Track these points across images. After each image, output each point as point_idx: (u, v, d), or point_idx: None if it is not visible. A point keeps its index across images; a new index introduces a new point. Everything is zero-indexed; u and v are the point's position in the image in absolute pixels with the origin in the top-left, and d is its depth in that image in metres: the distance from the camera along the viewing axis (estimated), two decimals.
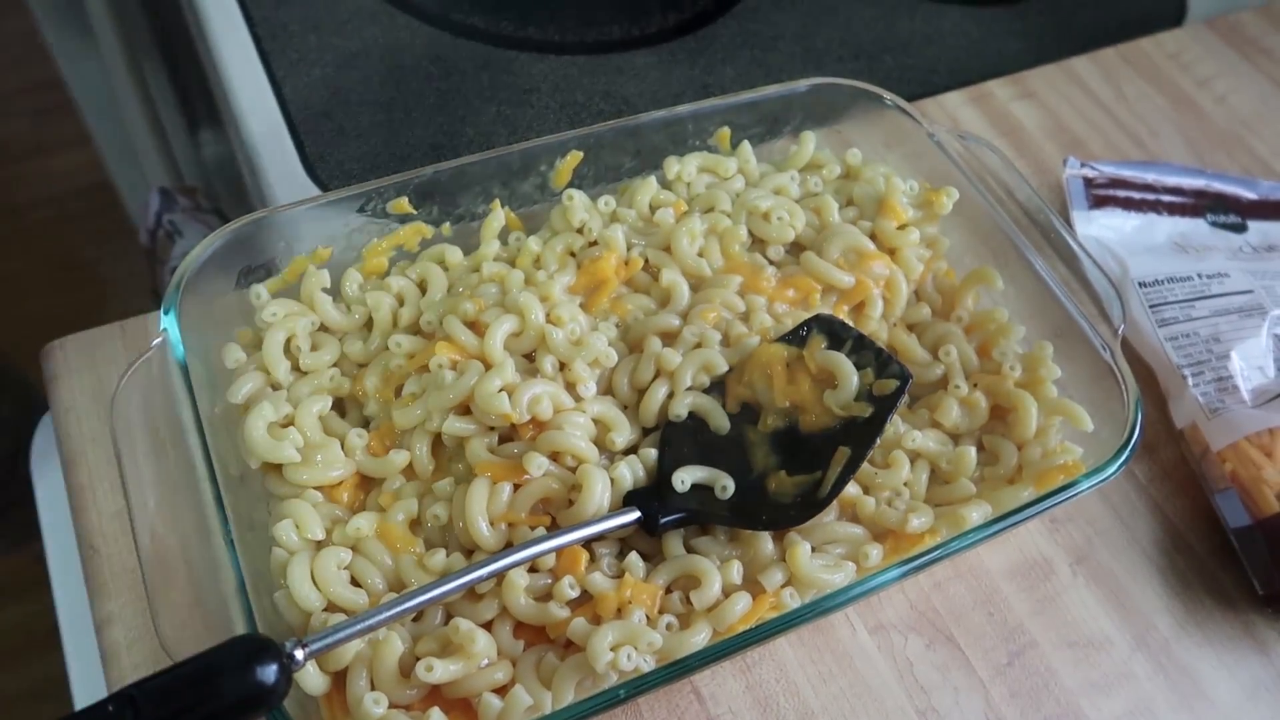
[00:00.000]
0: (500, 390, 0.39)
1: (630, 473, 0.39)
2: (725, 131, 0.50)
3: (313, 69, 0.60)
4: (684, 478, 0.39)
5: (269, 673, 0.29)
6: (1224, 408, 0.46)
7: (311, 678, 0.34)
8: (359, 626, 0.32)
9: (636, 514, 0.37)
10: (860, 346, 0.42)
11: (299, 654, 0.31)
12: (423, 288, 0.45)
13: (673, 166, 0.49)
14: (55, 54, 1.29)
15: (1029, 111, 0.62)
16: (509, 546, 0.38)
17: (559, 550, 0.36)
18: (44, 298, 1.51)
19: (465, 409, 0.40)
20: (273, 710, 0.31)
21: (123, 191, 1.53)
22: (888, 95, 0.50)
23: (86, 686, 0.40)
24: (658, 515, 0.38)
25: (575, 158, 0.47)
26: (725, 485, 0.40)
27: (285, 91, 0.58)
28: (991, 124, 0.61)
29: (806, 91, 0.51)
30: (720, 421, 0.41)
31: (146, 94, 0.94)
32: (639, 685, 0.33)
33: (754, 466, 0.40)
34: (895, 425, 0.43)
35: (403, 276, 0.45)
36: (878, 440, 0.40)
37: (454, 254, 0.46)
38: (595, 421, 0.41)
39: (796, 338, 0.43)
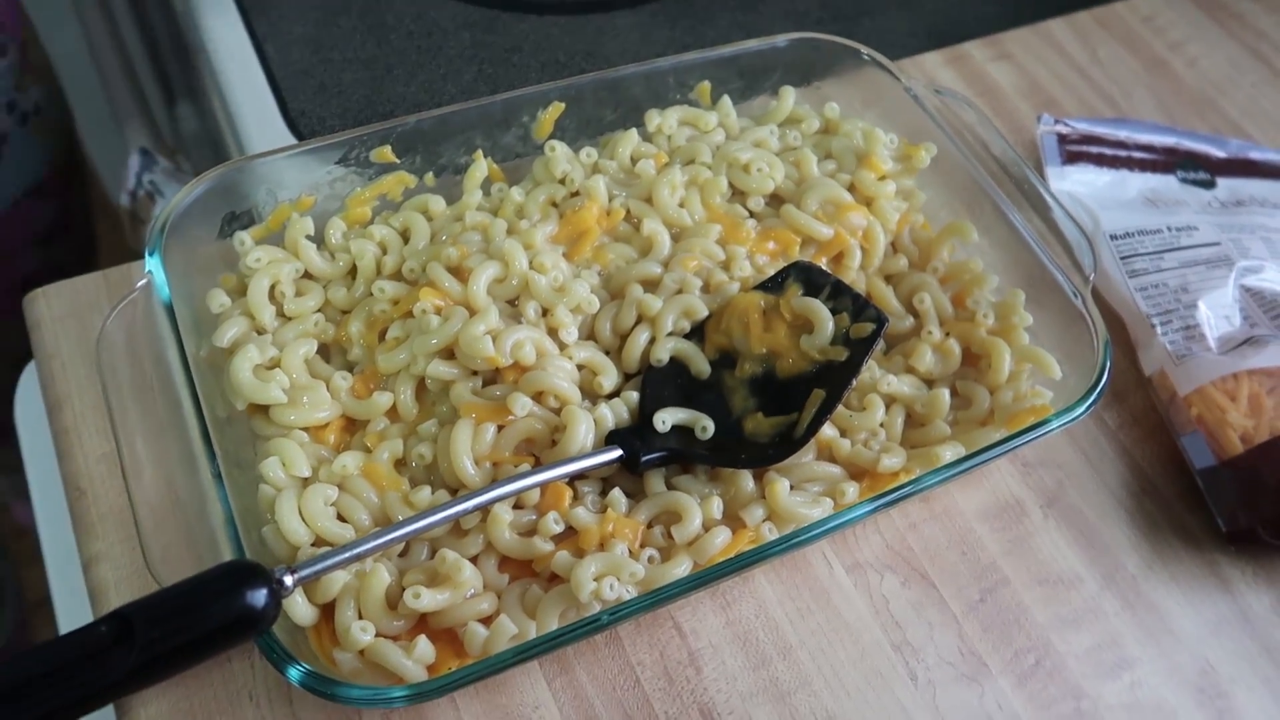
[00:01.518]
0: (485, 334, 0.40)
1: (613, 414, 0.40)
2: (706, 85, 0.51)
3: (294, 26, 0.60)
4: (665, 418, 0.40)
5: (259, 597, 0.30)
6: (1191, 354, 0.47)
7: (300, 608, 0.35)
8: (349, 554, 0.33)
9: (619, 452, 0.38)
10: (837, 292, 0.43)
11: (288, 580, 0.31)
12: (405, 236, 0.46)
13: (654, 119, 0.49)
14: (34, 20, 1.27)
15: (1005, 72, 0.63)
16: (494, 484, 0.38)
17: (543, 486, 0.37)
18: None
19: (449, 353, 0.41)
20: (262, 635, 0.31)
21: (98, 164, 1.51)
22: (865, 50, 0.51)
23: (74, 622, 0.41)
24: (640, 454, 0.39)
25: (557, 109, 0.47)
26: (705, 426, 0.40)
27: (267, 49, 0.58)
28: (968, 84, 0.62)
29: (786, 47, 0.52)
30: (700, 366, 0.42)
31: (127, 62, 0.94)
32: (622, 612, 0.34)
33: (733, 409, 0.41)
34: (871, 370, 0.44)
35: (386, 225, 0.46)
36: (853, 383, 0.41)
37: (437, 203, 0.46)
38: (581, 367, 0.41)
39: (774, 284, 0.44)
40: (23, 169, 0.74)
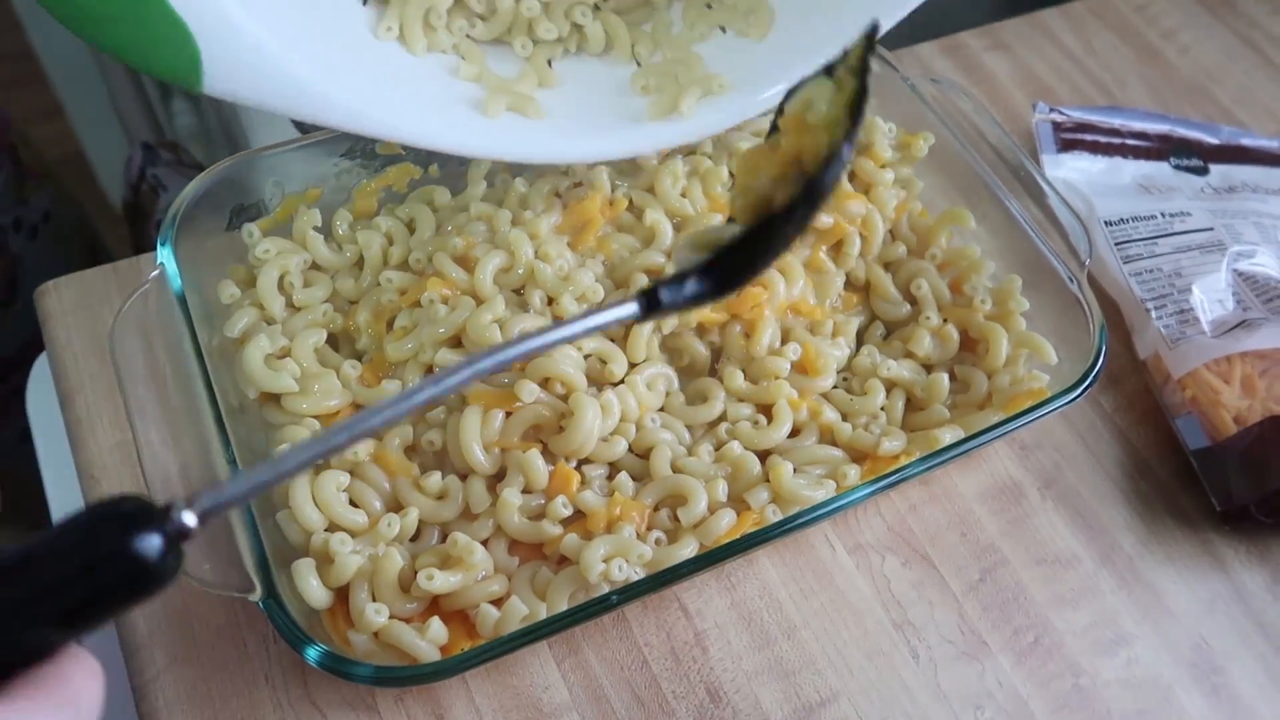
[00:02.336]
0: (491, 323, 0.40)
1: (619, 401, 0.41)
2: None
3: None
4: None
5: (149, 545, 0.21)
6: (1185, 338, 0.48)
7: (315, 592, 0.35)
8: (258, 479, 0.25)
9: (634, 306, 0.32)
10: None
11: (186, 517, 0.22)
12: (411, 228, 0.46)
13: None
14: (26, 25, 1.28)
15: (1000, 62, 0.64)
16: (503, 470, 0.39)
17: (552, 471, 0.38)
18: None
19: (457, 342, 0.41)
20: (158, 593, 0.22)
21: (96, 162, 1.51)
22: None
23: None
24: (657, 293, 0.32)
25: None
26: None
27: None
28: (964, 74, 0.63)
29: None
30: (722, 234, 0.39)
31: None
32: (630, 592, 0.35)
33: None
34: (872, 356, 0.45)
35: (392, 217, 0.46)
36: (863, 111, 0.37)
37: (442, 195, 0.47)
38: (588, 356, 0.42)
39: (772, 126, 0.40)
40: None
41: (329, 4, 0.41)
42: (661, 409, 0.42)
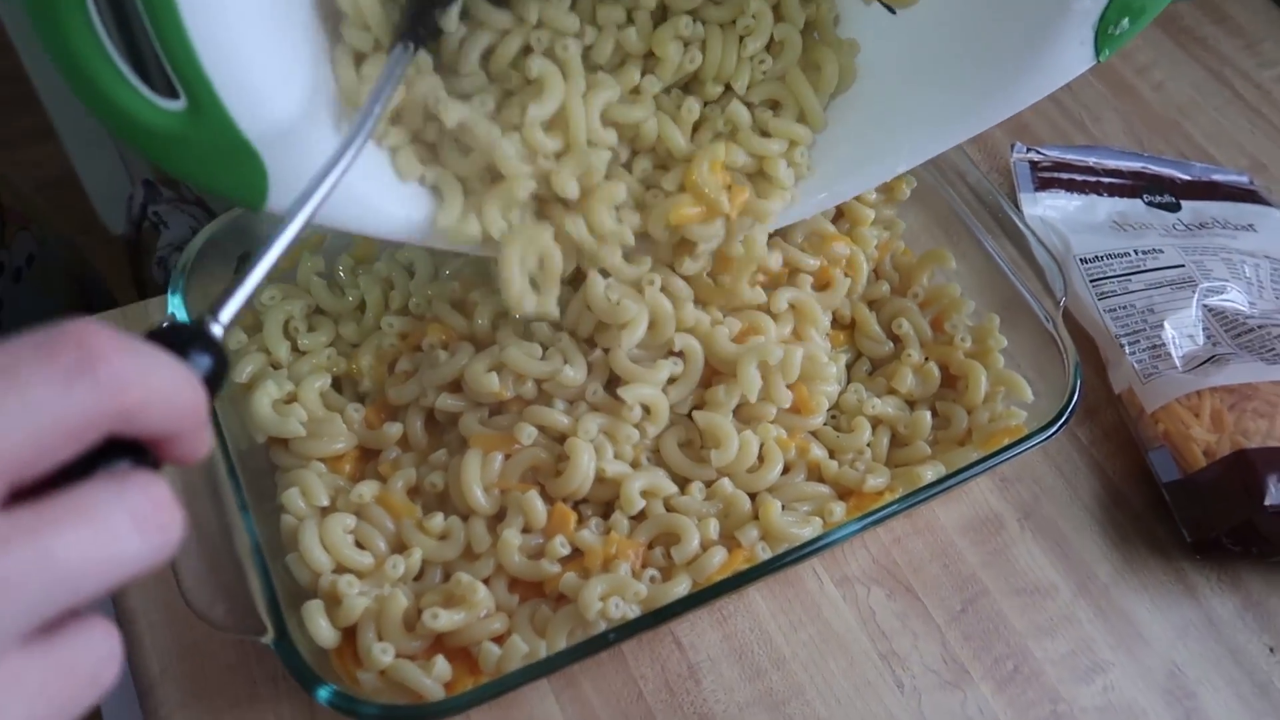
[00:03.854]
0: (489, 371, 0.42)
1: (611, 448, 0.42)
2: None
3: None
4: None
5: (204, 361, 0.24)
6: (1157, 373, 0.50)
7: (324, 632, 0.37)
8: (253, 280, 0.29)
9: (409, 51, 0.36)
10: None
11: (216, 329, 0.26)
12: (410, 271, 0.48)
13: None
14: (17, 45, 1.29)
15: None
16: (502, 510, 0.41)
17: (550, 510, 0.39)
18: None
19: (456, 385, 0.43)
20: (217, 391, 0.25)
21: (88, 184, 1.52)
22: None
23: None
24: (417, 22, 0.36)
25: None
26: None
27: None
28: None
29: None
30: None
31: None
32: (627, 630, 0.36)
33: None
34: (859, 393, 0.47)
35: (391, 261, 0.48)
36: None
37: None
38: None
39: None
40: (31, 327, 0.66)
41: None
42: (656, 451, 0.43)
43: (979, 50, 0.40)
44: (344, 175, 0.32)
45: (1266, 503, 0.44)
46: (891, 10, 0.43)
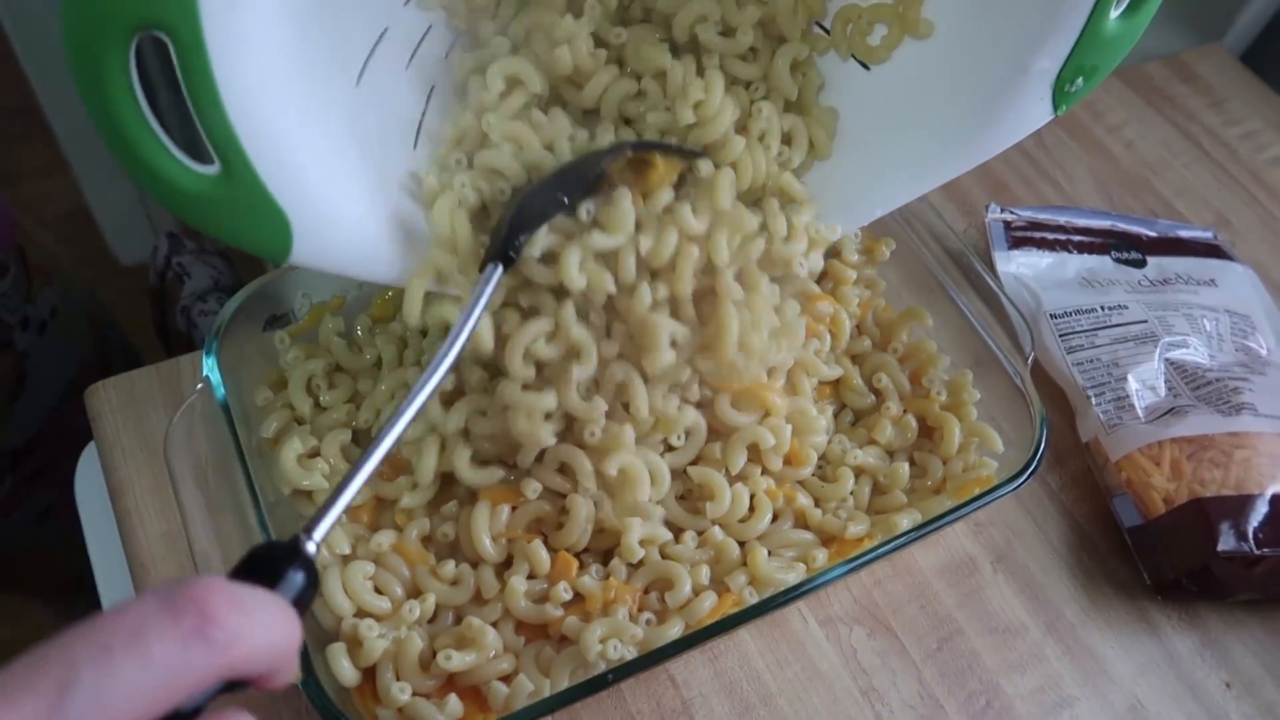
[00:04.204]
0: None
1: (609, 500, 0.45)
2: None
3: None
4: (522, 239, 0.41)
5: (298, 580, 0.28)
6: (1121, 423, 0.53)
7: (346, 672, 0.40)
8: (345, 498, 0.32)
9: (499, 269, 0.40)
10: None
11: (310, 547, 0.29)
12: (423, 331, 0.51)
13: None
14: (31, 80, 1.33)
15: None
16: (510, 558, 0.44)
17: (553, 558, 0.43)
18: None
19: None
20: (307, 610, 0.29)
21: (100, 217, 1.56)
22: None
23: None
24: (509, 245, 0.40)
25: None
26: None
27: None
28: None
29: None
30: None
31: None
32: (624, 671, 0.39)
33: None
34: (842, 444, 0.50)
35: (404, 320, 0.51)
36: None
37: None
38: None
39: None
40: (56, 377, 0.68)
41: (404, 175, 0.44)
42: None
43: (948, 105, 0.44)
44: (425, 402, 0.35)
45: (1220, 548, 0.48)
46: (865, 67, 0.47)
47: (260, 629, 0.24)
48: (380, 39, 0.43)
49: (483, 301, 0.38)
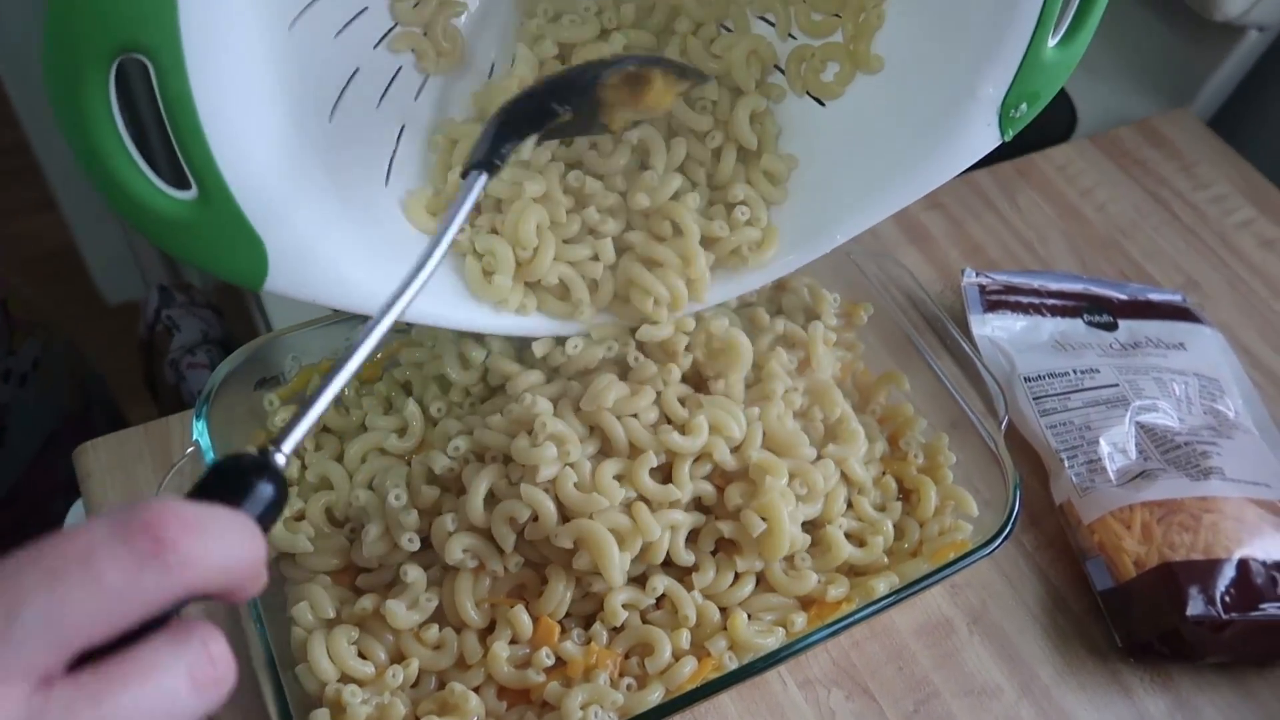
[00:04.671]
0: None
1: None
2: None
3: None
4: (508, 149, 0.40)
5: (266, 493, 0.27)
6: (1093, 487, 0.54)
7: None
8: (317, 410, 0.32)
9: (483, 177, 0.39)
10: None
11: (279, 459, 0.29)
12: (407, 389, 0.52)
13: None
14: (22, 119, 1.34)
15: (936, 220, 0.71)
16: (492, 623, 0.44)
17: (535, 621, 0.43)
18: None
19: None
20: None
21: (87, 256, 1.57)
22: None
23: None
24: (495, 152, 0.39)
25: None
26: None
27: None
28: (904, 232, 0.70)
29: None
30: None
31: None
32: None
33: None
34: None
35: (390, 381, 0.52)
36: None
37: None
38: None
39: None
40: (36, 430, 0.69)
41: (377, 207, 0.46)
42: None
43: (899, 133, 0.46)
44: (411, 301, 0.35)
45: (1189, 613, 0.49)
46: (821, 103, 0.49)
47: (217, 550, 0.23)
48: (352, 78, 0.45)
49: (465, 209, 0.37)
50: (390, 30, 0.47)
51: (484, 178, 0.39)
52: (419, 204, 0.47)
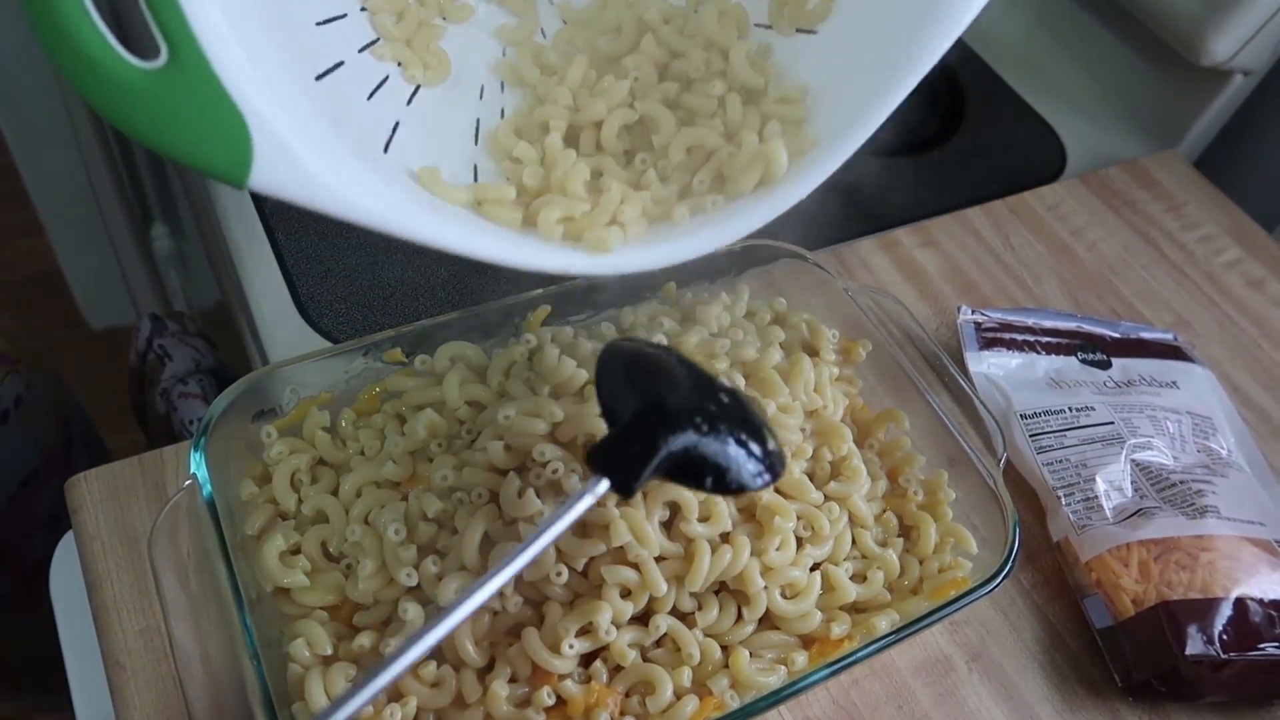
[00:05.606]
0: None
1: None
2: (671, 285, 0.59)
3: (303, 214, 0.67)
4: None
5: None
6: (1090, 524, 0.54)
7: None
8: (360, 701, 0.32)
9: (606, 483, 0.37)
10: None
11: None
12: (401, 419, 0.52)
13: (627, 316, 0.57)
14: (9, 141, 1.34)
15: (931, 258, 0.72)
16: (491, 662, 0.44)
17: (535, 667, 0.43)
18: None
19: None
20: None
21: (72, 280, 1.56)
22: (809, 255, 0.59)
23: None
24: (630, 482, 0.37)
25: (544, 312, 0.55)
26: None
27: (279, 236, 0.65)
28: (899, 269, 0.71)
29: (741, 250, 0.60)
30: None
31: (140, 233, 0.98)
32: None
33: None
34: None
35: (385, 414, 0.52)
36: None
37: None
38: None
39: None
40: (17, 467, 0.69)
41: (368, 110, 0.42)
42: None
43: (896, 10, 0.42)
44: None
45: (1188, 652, 0.49)
46: (814, 31, 0.47)
47: None
48: (335, 68, 0.42)
49: (572, 516, 0.36)
50: (374, 41, 0.46)
51: (606, 488, 0.36)
52: (435, 178, 0.43)
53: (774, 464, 0.40)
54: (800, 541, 0.48)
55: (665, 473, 0.37)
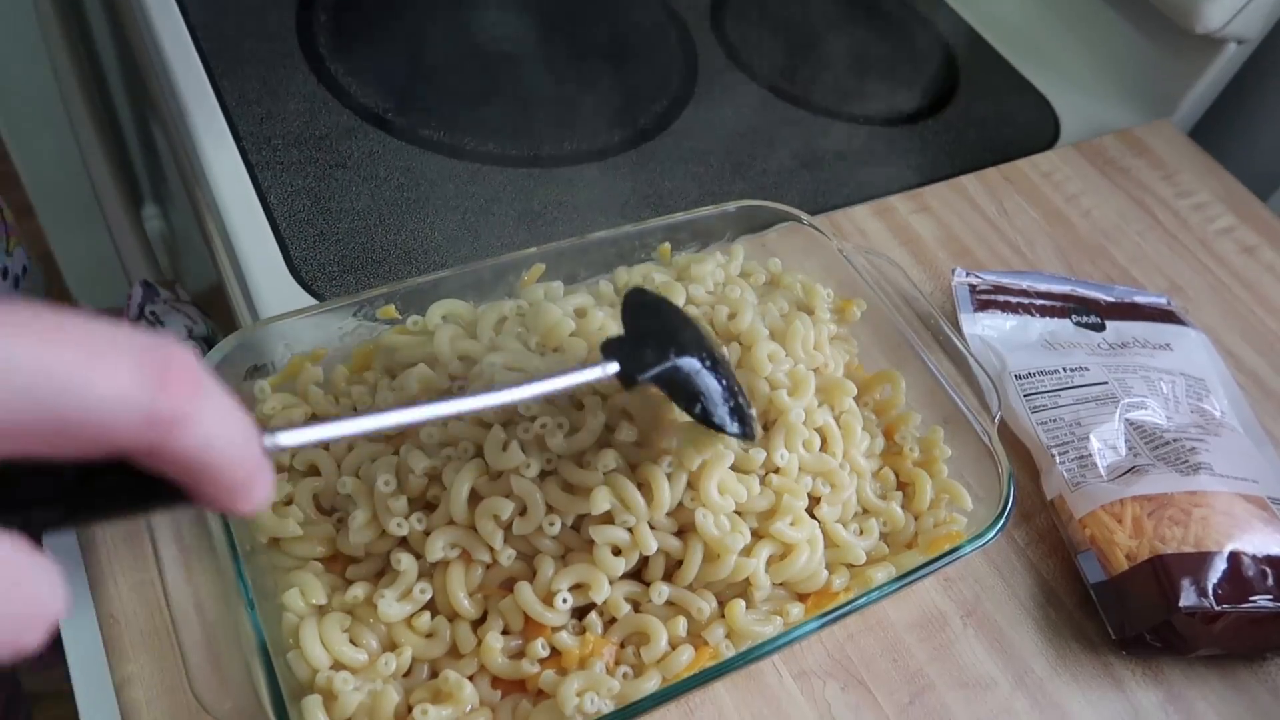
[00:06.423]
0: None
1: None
2: (666, 246, 0.58)
3: (295, 179, 0.66)
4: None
5: None
6: (1084, 482, 0.55)
7: None
8: (330, 430, 0.31)
9: (615, 365, 0.38)
10: None
11: (267, 440, 0.28)
12: (392, 374, 0.52)
13: (622, 276, 0.57)
14: (0, 126, 1.33)
15: (925, 224, 0.72)
16: (484, 614, 0.44)
17: (527, 619, 0.43)
18: None
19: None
20: None
21: (64, 264, 1.55)
22: (805, 217, 0.59)
23: None
24: (634, 374, 0.39)
25: (538, 270, 0.54)
26: None
27: (271, 200, 0.65)
28: (893, 234, 0.71)
29: (736, 212, 0.60)
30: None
31: (130, 199, 0.98)
32: None
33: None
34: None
35: (382, 371, 0.52)
36: None
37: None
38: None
39: None
40: None
41: None
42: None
43: None
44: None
45: (1181, 604, 0.49)
46: None
47: (217, 419, 0.22)
48: None
49: (577, 378, 0.36)
50: None
51: (613, 370, 0.38)
52: None
53: (751, 426, 0.43)
54: (816, 501, 0.48)
55: (665, 383, 0.40)
